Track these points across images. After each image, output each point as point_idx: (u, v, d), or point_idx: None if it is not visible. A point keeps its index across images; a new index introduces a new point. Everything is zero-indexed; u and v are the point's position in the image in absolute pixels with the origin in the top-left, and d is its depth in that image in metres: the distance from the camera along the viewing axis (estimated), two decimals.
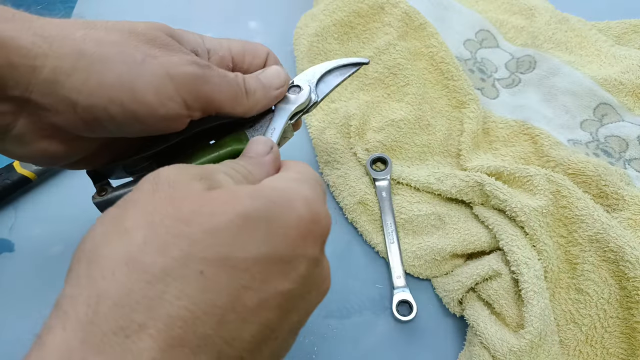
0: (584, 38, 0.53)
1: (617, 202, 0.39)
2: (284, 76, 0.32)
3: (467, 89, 0.47)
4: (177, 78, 0.25)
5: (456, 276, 0.39)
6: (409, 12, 0.50)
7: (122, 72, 0.24)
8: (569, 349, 0.36)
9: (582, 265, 0.37)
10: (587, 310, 0.36)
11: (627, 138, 0.45)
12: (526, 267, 0.36)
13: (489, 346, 0.34)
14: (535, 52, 0.51)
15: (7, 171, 0.42)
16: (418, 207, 0.42)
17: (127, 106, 0.24)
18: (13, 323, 0.38)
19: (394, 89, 0.48)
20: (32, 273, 0.40)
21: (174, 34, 0.28)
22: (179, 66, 0.25)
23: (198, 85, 0.26)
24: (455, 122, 0.48)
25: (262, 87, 0.30)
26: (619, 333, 0.36)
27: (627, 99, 0.47)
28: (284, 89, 0.32)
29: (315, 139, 0.47)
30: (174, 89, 0.25)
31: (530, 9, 0.55)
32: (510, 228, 0.38)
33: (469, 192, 0.41)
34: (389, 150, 0.45)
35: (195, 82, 0.26)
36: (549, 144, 0.44)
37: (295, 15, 0.54)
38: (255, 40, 0.57)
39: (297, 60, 0.52)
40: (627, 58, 0.50)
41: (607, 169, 0.41)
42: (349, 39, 0.51)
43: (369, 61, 0.36)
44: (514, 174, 0.41)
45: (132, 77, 0.24)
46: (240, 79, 0.29)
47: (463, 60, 0.52)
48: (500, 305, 0.36)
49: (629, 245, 0.35)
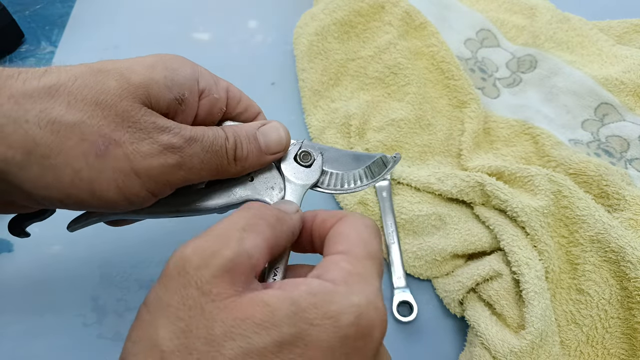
0: (585, 37, 0.53)
1: (619, 202, 0.39)
2: (285, 139, 0.28)
3: (468, 88, 0.47)
4: (144, 173, 0.23)
5: (457, 277, 0.38)
6: (410, 11, 0.50)
7: (80, 169, 0.22)
8: (569, 349, 0.36)
9: (583, 265, 0.37)
10: (588, 310, 0.36)
11: (629, 138, 0.45)
12: (527, 268, 0.36)
13: (490, 347, 0.34)
14: (536, 51, 0.51)
15: None
16: (418, 207, 0.42)
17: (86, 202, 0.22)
18: (12, 323, 0.38)
19: (395, 89, 0.48)
20: (31, 273, 0.40)
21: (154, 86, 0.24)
22: (147, 158, 0.23)
23: (170, 175, 0.23)
24: (456, 122, 0.48)
25: (257, 151, 0.27)
26: (620, 333, 0.36)
27: (628, 98, 0.47)
28: (283, 153, 0.29)
29: (315, 139, 0.47)
30: (139, 185, 0.23)
31: (531, 8, 0.55)
32: (511, 228, 0.38)
33: (469, 192, 0.41)
34: (389, 150, 0.45)
35: (167, 172, 0.23)
36: (550, 143, 0.44)
37: (295, 15, 0.54)
38: (255, 39, 0.58)
39: (297, 59, 0.51)
40: (628, 57, 0.50)
41: (608, 169, 0.40)
42: (349, 38, 0.51)
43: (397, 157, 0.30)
44: (515, 174, 0.41)
45: (91, 175, 0.22)
46: (231, 145, 0.26)
47: (464, 60, 0.52)
48: (501, 306, 0.36)
49: (630, 246, 0.35)
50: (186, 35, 0.56)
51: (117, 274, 0.40)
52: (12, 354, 0.37)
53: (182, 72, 0.26)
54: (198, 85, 0.27)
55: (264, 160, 0.28)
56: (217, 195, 0.28)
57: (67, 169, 0.21)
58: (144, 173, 0.23)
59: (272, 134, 0.28)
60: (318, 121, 0.48)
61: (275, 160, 0.29)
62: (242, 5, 0.59)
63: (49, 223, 0.42)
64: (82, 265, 0.40)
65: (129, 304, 0.39)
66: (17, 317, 0.38)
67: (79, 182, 0.22)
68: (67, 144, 0.21)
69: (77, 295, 0.39)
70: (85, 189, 0.22)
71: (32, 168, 0.21)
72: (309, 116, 0.48)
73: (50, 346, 0.37)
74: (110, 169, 0.22)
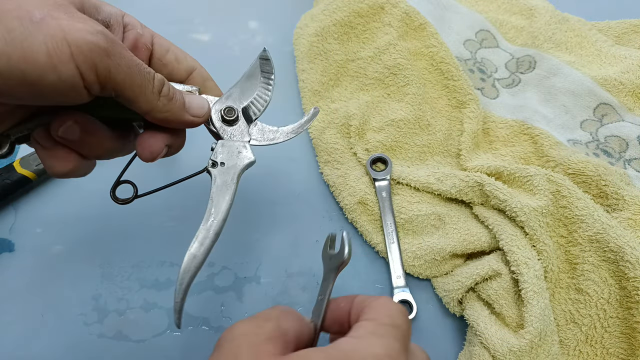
0: (583, 38, 0.53)
1: (617, 202, 0.39)
2: (206, 108, 0.32)
3: (467, 89, 0.47)
4: (75, 43, 0.23)
5: (456, 276, 0.39)
6: (409, 12, 0.50)
7: (13, 28, 0.22)
8: (568, 348, 0.36)
9: (582, 265, 0.37)
10: (587, 310, 0.36)
11: (627, 138, 0.45)
12: (526, 267, 0.36)
13: (489, 346, 0.34)
14: (535, 52, 0.51)
15: (7, 171, 0.42)
16: (418, 207, 0.42)
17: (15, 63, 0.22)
18: (13, 323, 0.38)
19: (394, 89, 0.48)
20: (32, 273, 0.40)
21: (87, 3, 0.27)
22: (80, 32, 0.23)
23: (98, 56, 0.24)
24: (455, 122, 0.48)
25: (180, 103, 0.29)
26: (619, 333, 0.36)
27: (627, 98, 0.47)
28: (201, 120, 0.31)
29: (315, 139, 0.47)
30: (68, 54, 0.23)
31: (530, 9, 0.55)
32: (510, 228, 0.38)
33: (468, 192, 0.41)
34: (389, 150, 0.45)
35: (96, 52, 0.24)
36: (549, 144, 0.44)
37: (295, 15, 0.54)
38: (255, 40, 0.58)
39: (297, 60, 0.52)
40: (627, 58, 0.50)
41: (607, 169, 0.41)
42: (349, 39, 0.51)
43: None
44: (514, 174, 0.41)
45: (24, 35, 0.22)
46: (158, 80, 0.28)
47: (463, 60, 0.52)
48: (500, 305, 0.36)
49: (629, 246, 0.35)
50: (186, 35, 0.56)
51: (118, 273, 0.40)
52: (12, 354, 0.37)
53: (109, 6, 0.29)
54: (123, 19, 0.30)
55: (184, 116, 0.30)
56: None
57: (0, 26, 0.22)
58: (74, 43, 0.23)
59: (196, 99, 0.31)
60: (318, 121, 0.48)
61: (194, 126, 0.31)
62: (243, 6, 0.59)
63: (49, 223, 0.43)
64: (83, 265, 0.41)
65: (130, 304, 0.39)
66: (17, 316, 0.38)
67: (10, 40, 0.22)
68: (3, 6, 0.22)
69: (78, 295, 0.39)
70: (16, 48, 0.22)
71: None
72: None
73: (50, 346, 0.37)
74: (43, 34, 0.22)
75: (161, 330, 0.38)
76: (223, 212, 0.30)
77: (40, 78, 0.23)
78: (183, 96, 0.30)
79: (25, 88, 0.23)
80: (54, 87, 0.24)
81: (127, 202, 0.32)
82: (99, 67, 0.24)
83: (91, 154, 0.30)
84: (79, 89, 0.24)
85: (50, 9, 0.23)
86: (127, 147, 0.32)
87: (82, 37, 0.23)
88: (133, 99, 0.27)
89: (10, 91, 0.23)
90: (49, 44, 0.22)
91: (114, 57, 0.25)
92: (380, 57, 0.49)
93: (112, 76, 0.25)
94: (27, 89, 0.23)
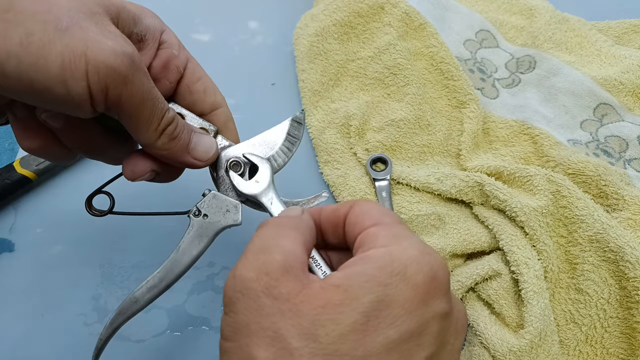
0: (583, 38, 0.53)
1: (617, 202, 0.39)
2: (212, 154, 0.29)
3: (467, 89, 0.47)
4: (93, 61, 0.21)
5: (456, 276, 0.39)
6: (409, 12, 0.50)
7: (34, 32, 0.21)
8: (568, 349, 0.36)
9: (582, 265, 0.37)
10: (587, 310, 0.36)
11: (627, 138, 0.45)
12: (526, 267, 0.36)
13: (489, 346, 0.34)
14: (535, 52, 0.51)
15: (7, 171, 0.42)
16: (418, 207, 0.42)
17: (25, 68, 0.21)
18: (13, 323, 0.38)
19: (394, 89, 0.48)
20: (32, 273, 0.40)
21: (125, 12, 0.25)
22: (103, 50, 0.22)
23: (113, 81, 0.22)
24: (455, 122, 0.48)
25: (184, 143, 0.28)
26: (619, 333, 0.36)
27: (627, 99, 0.47)
28: (202, 164, 0.29)
29: (315, 139, 0.47)
30: (83, 72, 0.21)
31: (530, 9, 0.55)
32: (510, 228, 0.38)
33: (468, 192, 0.41)
34: (389, 150, 0.45)
35: (112, 76, 0.22)
36: (549, 144, 0.44)
37: (295, 15, 0.54)
38: (256, 40, 0.58)
39: (297, 60, 0.52)
40: (627, 58, 0.50)
41: (607, 169, 0.41)
42: (348, 39, 0.51)
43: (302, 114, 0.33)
44: (514, 174, 0.41)
45: (43, 42, 0.21)
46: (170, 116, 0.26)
47: (463, 60, 0.52)
48: (500, 305, 0.36)
49: (629, 246, 0.35)
50: (186, 35, 0.56)
51: (118, 273, 0.40)
52: (12, 354, 0.37)
53: (150, 17, 0.28)
54: (160, 36, 0.28)
55: (184, 157, 0.28)
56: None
57: (20, 27, 0.21)
58: (93, 61, 0.22)
59: (205, 141, 0.29)
60: (318, 121, 0.48)
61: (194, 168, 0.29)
62: (243, 6, 0.59)
63: (49, 223, 0.43)
64: (83, 265, 0.41)
65: None
66: (17, 317, 0.38)
67: (27, 44, 0.21)
68: (33, 7, 0.21)
69: (78, 295, 0.39)
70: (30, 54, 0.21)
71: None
72: (309, 116, 0.49)
73: (50, 346, 0.37)
74: (63, 44, 0.21)
75: (161, 330, 0.38)
76: (183, 266, 0.29)
77: (47, 89, 0.22)
78: (190, 136, 0.28)
79: (30, 94, 0.22)
80: (60, 100, 0.22)
81: (100, 215, 0.31)
82: (110, 92, 0.23)
83: (73, 146, 0.28)
84: (85, 106, 0.23)
85: (81, 18, 0.22)
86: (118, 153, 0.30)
87: (104, 57, 0.22)
88: (133, 129, 0.25)
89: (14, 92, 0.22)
90: (65, 57, 0.21)
91: (131, 85, 0.23)
92: (380, 57, 0.49)
93: (121, 104, 0.24)
94: (32, 95, 0.22)
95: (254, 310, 0.19)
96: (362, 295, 0.19)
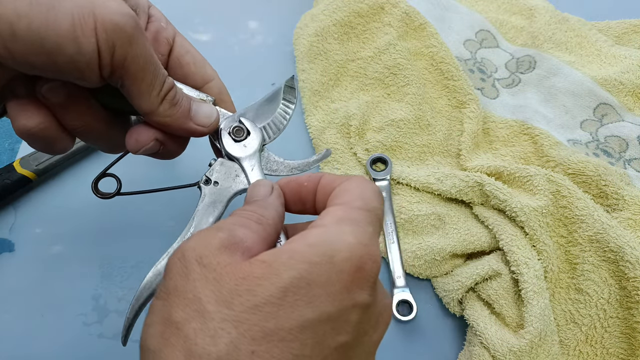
0: (583, 38, 0.53)
1: (617, 202, 0.40)
2: (214, 119, 0.30)
3: (467, 89, 0.47)
4: (101, 19, 0.22)
5: (456, 276, 0.39)
6: (409, 12, 0.50)
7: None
8: (568, 348, 0.36)
9: (582, 265, 0.37)
10: (587, 310, 0.36)
11: (627, 138, 0.45)
12: (526, 267, 0.36)
13: (489, 346, 0.34)
14: (535, 52, 0.51)
15: (7, 171, 0.42)
16: (418, 207, 0.42)
17: (36, 28, 0.21)
18: (13, 323, 0.38)
19: (394, 89, 0.48)
20: (32, 273, 0.40)
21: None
22: (110, 10, 0.23)
23: (120, 39, 0.23)
24: (455, 122, 0.48)
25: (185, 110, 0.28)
26: (619, 333, 0.36)
27: (627, 99, 0.47)
28: (205, 130, 0.30)
29: (315, 139, 0.47)
30: (92, 28, 0.22)
31: (530, 9, 0.55)
32: (510, 228, 0.38)
33: (468, 192, 0.41)
34: (389, 150, 0.45)
35: (119, 34, 0.23)
36: (549, 144, 0.44)
37: (295, 15, 0.54)
38: (256, 40, 0.58)
39: (297, 60, 0.52)
40: (627, 58, 0.50)
41: (607, 169, 0.41)
42: (348, 39, 0.51)
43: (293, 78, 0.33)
44: (514, 174, 0.41)
45: (52, 1, 0.22)
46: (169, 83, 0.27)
47: (463, 60, 0.52)
48: (500, 305, 0.36)
49: (628, 246, 0.35)
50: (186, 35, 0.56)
51: (117, 273, 0.40)
52: (12, 354, 0.37)
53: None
54: (149, 10, 0.30)
55: (187, 124, 0.28)
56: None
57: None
58: (101, 19, 0.22)
59: (205, 108, 0.30)
60: (318, 121, 0.48)
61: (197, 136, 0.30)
62: (243, 6, 0.59)
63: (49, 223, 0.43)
64: (82, 265, 0.40)
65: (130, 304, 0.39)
66: (17, 316, 0.38)
67: (37, 4, 0.21)
68: None
69: (78, 295, 0.39)
70: (40, 13, 0.21)
71: None
72: (309, 116, 0.49)
73: (50, 346, 0.37)
74: (72, 3, 0.22)
75: None
76: None
77: (58, 48, 0.22)
78: (190, 103, 0.29)
79: (41, 57, 0.22)
80: (70, 60, 0.23)
81: (108, 197, 0.31)
82: (117, 51, 0.23)
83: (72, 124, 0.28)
84: (93, 67, 0.23)
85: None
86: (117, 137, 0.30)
87: (111, 15, 0.23)
88: (136, 96, 0.26)
89: (25, 58, 0.22)
90: (75, 14, 0.22)
91: (135, 46, 0.24)
92: (380, 57, 0.49)
93: (126, 65, 0.24)
94: (43, 58, 0.22)
95: (184, 275, 0.20)
96: (283, 270, 0.19)
